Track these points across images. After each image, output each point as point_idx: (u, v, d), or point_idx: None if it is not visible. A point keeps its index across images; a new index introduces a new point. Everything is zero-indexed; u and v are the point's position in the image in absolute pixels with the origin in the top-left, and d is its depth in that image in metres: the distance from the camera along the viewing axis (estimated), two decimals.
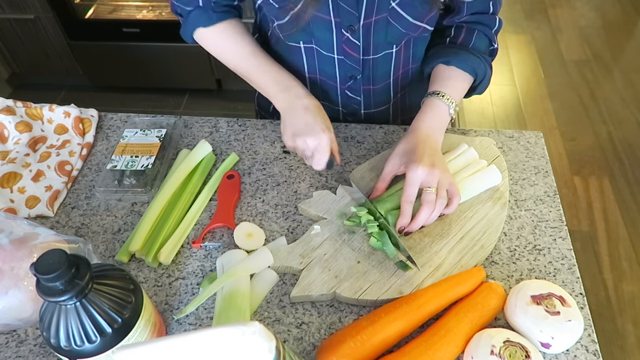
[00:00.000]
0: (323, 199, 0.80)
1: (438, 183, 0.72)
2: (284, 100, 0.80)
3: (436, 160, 0.73)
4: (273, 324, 0.67)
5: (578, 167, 2.15)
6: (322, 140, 0.76)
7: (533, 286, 0.65)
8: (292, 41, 0.83)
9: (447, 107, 0.79)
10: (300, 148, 0.77)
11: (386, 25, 0.78)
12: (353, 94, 0.91)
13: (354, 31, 0.78)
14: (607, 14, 3.03)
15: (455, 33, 0.86)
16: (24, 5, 2.15)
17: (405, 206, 0.71)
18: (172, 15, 2.19)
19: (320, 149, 0.76)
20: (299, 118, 0.77)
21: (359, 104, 0.93)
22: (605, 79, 2.58)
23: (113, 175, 0.84)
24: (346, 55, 0.83)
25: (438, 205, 0.71)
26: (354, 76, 0.87)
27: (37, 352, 0.65)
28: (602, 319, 1.66)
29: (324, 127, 0.77)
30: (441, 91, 0.80)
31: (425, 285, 0.68)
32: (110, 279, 0.54)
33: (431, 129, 0.77)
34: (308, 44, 0.83)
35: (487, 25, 0.85)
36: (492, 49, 0.87)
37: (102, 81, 2.53)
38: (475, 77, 0.84)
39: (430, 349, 0.60)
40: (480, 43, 0.84)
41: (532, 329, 0.61)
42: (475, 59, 0.82)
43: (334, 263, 0.71)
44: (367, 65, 0.85)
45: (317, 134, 0.75)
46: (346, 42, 0.80)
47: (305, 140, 0.76)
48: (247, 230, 0.76)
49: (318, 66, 0.86)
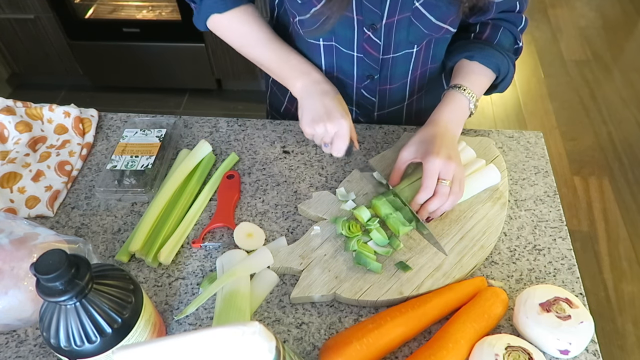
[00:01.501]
0: (322, 200, 0.80)
1: (453, 177, 0.72)
2: (301, 86, 0.79)
3: (453, 153, 0.73)
4: (273, 324, 0.67)
5: (578, 167, 2.15)
6: (343, 127, 0.75)
7: (538, 293, 0.64)
8: (311, 38, 0.82)
9: (467, 100, 0.79)
10: (320, 134, 0.76)
11: (408, 24, 0.77)
12: (368, 94, 0.90)
13: (375, 30, 0.78)
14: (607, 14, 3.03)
15: (480, 29, 0.85)
16: (24, 5, 2.15)
17: (422, 195, 0.71)
18: (172, 15, 2.20)
19: (341, 135, 0.75)
20: (318, 103, 0.76)
21: (373, 105, 0.93)
22: (605, 79, 2.59)
23: (113, 175, 0.84)
24: (366, 54, 0.82)
25: (451, 199, 0.72)
26: (372, 75, 0.86)
27: (37, 352, 0.65)
28: (602, 319, 1.66)
29: (344, 112, 0.76)
30: (462, 85, 0.80)
31: (425, 286, 0.68)
32: (110, 279, 0.54)
33: (450, 121, 0.77)
34: (328, 41, 0.82)
35: (513, 23, 0.84)
36: (516, 48, 0.86)
37: (102, 81, 2.53)
38: (497, 74, 0.84)
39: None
40: (506, 40, 0.84)
41: (548, 339, 0.61)
42: (499, 56, 0.82)
43: (334, 264, 0.71)
44: (386, 64, 0.84)
45: (337, 120, 0.75)
46: (367, 41, 0.80)
47: (326, 126, 0.75)
48: (247, 230, 0.76)
49: (336, 64, 0.85)
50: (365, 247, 0.72)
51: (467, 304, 0.66)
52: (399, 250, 0.73)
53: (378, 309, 0.68)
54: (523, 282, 0.71)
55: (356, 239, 0.72)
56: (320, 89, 0.78)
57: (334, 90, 0.79)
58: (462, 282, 0.69)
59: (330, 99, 0.77)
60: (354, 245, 0.71)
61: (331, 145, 0.77)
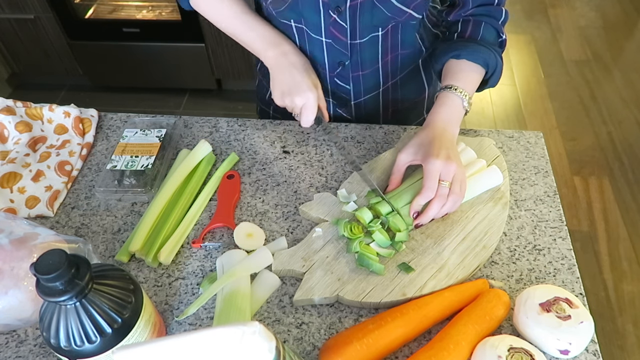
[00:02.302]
0: (324, 201, 0.79)
1: (453, 178, 0.72)
2: (272, 57, 0.83)
3: (452, 154, 0.73)
4: (273, 324, 0.67)
5: (578, 167, 2.15)
6: (309, 99, 0.79)
7: (538, 293, 0.64)
8: (283, 18, 0.84)
9: (460, 100, 0.79)
10: (289, 106, 0.82)
11: (372, 7, 0.78)
12: (342, 82, 0.91)
13: (340, 12, 0.79)
14: (607, 14, 3.03)
15: (462, 27, 0.86)
16: (24, 5, 2.15)
17: (423, 197, 0.72)
18: (172, 15, 2.21)
19: (308, 107, 0.80)
20: (287, 76, 0.80)
21: (349, 93, 0.93)
22: (605, 79, 2.59)
23: (113, 175, 0.84)
24: (334, 39, 0.83)
25: (450, 200, 0.72)
26: (343, 62, 0.87)
27: (37, 352, 0.65)
28: (602, 319, 1.66)
29: (311, 84, 0.80)
30: (453, 84, 0.80)
31: (428, 287, 0.68)
32: (110, 279, 0.54)
33: (447, 122, 0.78)
34: (298, 23, 0.84)
35: (494, 16, 0.85)
36: (500, 41, 0.87)
37: (102, 81, 2.53)
38: (487, 69, 0.84)
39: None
40: (489, 35, 0.85)
41: (548, 339, 0.61)
42: (485, 50, 0.82)
43: (337, 266, 0.71)
44: (355, 49, 0.85)
45: (304, 92, 0.79)
46: (334, 25, 0.81)
47: (293, 99, 0.79)
48: (247, 230, 0.76)
49: (309, 50, 0.87)
50: (367, 248, 0.71)
51: (469, 306, 0.66)
52: (401, 251, 0.72)
53: (378, 309, 0.68)
54: (523, 282, 0.71)
55: (358, 241, 0.72)
56: (288, 61, 0.82)
57: (303, 60, 0.83)
58: (463, 284, 0.69)
59: (299, 71, 0.81)
60: (356, 247, 0.71)
61: (300, 115, 0.81)
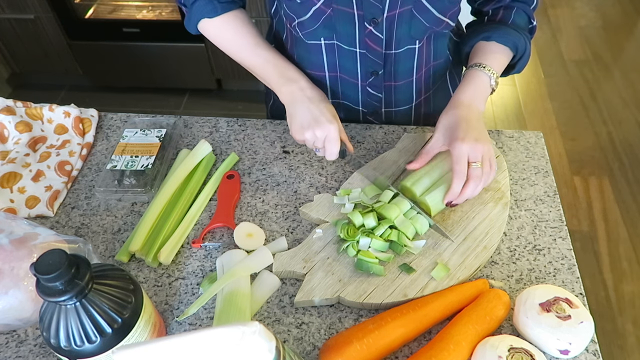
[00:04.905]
0: (324, 202, 0.79)
1: (482, 157, 0.72)
2: (288, 93, 0.80)
3: (479, 134, 0.73)
4: (273, 324, 0.67)
5: (578, 167, 2.15)
6: (331, 131, 0.76)
7: (538, 293, 0.64)
8: (312, 39, 0.82)
9: (488, 78, 0.79)
10: (310, 141, 0.77)
11: (410, 18, 0.77)
12: (374, 90, 0.89)
13: (377, 24, 0.78)
14: (607, 14, 3.03)
15: (493, 12, 0.86)
16: (24, 5, 2.15)
17: (457, 183, 0.72)
18: (172, 15, 2.20)
19: (330, 140, 0.76)
20: (305, 110, 0.77)
21: (380, 102, 0.92)
22: (605, 79, 2.58)
23: (113, 175, 0.84)
24: (368, 50, 0.82)
25: (484, 179, 0.73)
26: (376, 71, 0.86)
27: (37, 352, 0.65)
28: (602, 319, 1.66)
29: (331, 117, 0.77)
30: (482, 62, 0.80)
31: (429, 287, 0.68)
32: (110, 279, 0.54)
33: (473, 99, 0.78)
34: (329, 40, 0.82)
35: (526, 2, 0.85)
36: (531, 27, 0.87)
37: (102, 81, 2.53)
38: (515, 52, 0.84)
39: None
40: (520, 19, 0.85)
41: (548, 339, 0.61)
42: (515, 34, 0.82)
43: (337, 266, 0.71)
44: (389, 60, 0.84)
45: (324, 125, 0.76)
46: (369, 36, 0.80)
47: (314, 132, 0.76)
48: (247, 230, 0.76)
49: (339, 63, 0.85)
50: (366, 253, 0.71)
51: (469, 306, 0.66)
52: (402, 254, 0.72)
53: (378, 309, 0.68)
54: (523, 282, 0.71)
55: (351, 245, 0.72)
56: (305, 96, 0.79)
57: (321, 95, 0.80)
58: (463, 284, 0.69)
59: (316, 105, 0.78)
60: (351, 251, 0.71)
61: (323, 149, 0.78)
